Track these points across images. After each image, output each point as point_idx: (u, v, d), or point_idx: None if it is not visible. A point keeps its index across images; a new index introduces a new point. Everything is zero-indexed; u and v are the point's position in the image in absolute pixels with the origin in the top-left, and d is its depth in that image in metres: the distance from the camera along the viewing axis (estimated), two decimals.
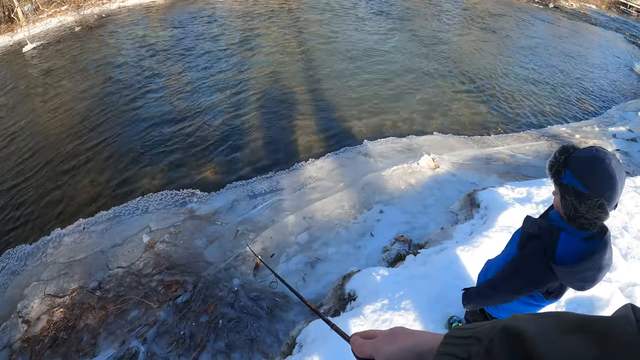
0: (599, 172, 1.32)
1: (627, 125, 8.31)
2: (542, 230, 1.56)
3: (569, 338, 0.42)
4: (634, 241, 3.84)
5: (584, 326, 0.43)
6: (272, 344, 3.62)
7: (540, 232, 1.56)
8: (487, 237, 3.77)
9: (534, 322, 0.47)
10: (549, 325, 0.46)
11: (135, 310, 3.94)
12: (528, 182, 5.15)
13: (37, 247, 4.91)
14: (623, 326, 0.40)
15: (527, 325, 0.47)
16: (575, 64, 12.18)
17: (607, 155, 1.33)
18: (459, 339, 0.54)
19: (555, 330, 0.44)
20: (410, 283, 3.33)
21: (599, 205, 1.34)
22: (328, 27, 12.47)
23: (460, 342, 0.53)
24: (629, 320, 0.41)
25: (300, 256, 4.57)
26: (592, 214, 1.37)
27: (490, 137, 7.48)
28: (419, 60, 10.69)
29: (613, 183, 1.31)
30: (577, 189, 1.37)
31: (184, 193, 5.64)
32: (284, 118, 7.59)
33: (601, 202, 1.33)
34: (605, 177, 1.31)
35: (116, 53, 10.44)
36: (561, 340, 0.43)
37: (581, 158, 1.37)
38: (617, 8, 21.76)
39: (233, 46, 10.74)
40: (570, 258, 1.48)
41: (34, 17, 12.74)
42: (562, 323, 0.45)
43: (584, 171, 1.35)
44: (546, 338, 0.44)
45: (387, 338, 0.63)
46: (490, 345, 0.48)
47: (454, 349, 0.53)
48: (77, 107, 7.99)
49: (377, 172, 5.91)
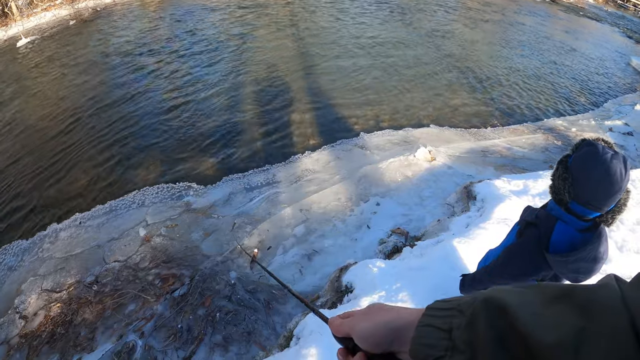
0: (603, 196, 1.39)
1: (624, 119, 8.34)
2: (539, 218, 1.58)
3: (552, 308, 0.42)
4: (630, 234, 3.86)
5: (567, 296, 0.43)
6: (269, 336, 3.63)
7: (537, 220, 1.59)
8: (484, 229, 3.78)
9: (516, 294, 0.47)
10: (532, 296, 0.45)
11: (132, 304, 3.94)
12: (524, 175, 5.16)
13: (33, 243, 4.89)
14: (606, 295, 0.40)
15: (510, 296, 0.46)
16: (572, 58, 12.18)
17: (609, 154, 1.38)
18: (441, 310, 0.53)
19: (538, 301, 0.44)
20: (407, 275, 3.34)
21: (564, 178, 1.45)
22: (325, 21, 12.41)
23: (442, 314, 0.53)
24: (613, 289, 0.40)
25: (296, 248, 4.57)
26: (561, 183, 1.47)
27: (486, 129, 7.49)
28: (416, 53, 10.66)
29: (590, 172, 1.39)
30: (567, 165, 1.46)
31: (180, 186, 5.63)
32: (280, 111, 7.56)
33: (565, 176, 1.44)
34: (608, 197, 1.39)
35: (111, 47, 10.35)
36: (544, 310, 0.42)
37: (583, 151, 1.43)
38: (615, 2, 21.73)
39: (229, 39, 10.68)
40: (563, 247, 1.50)
41: (28, 11, 12.58)
42: (544, 294, 0.45)
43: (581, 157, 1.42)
44: (529, 309, 0.43)
45: (362, 315, 0.62)
46: (472, 317, 0.48)
47: (436, 321, 0.52)
48: (72, 101, 7.93)
49: (373, 164, 5.91)
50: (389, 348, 0.58)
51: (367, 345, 0.59)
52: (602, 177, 1.35)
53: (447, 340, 0.49)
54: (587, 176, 1.38)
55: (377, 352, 0.59)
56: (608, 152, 1.37)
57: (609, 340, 0.36)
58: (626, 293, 0.39)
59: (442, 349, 0.49)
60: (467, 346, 0.47)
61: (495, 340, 0.44)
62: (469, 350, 0.47)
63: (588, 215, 1.44)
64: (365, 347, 0.60)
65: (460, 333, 0.48)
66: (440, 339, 0.50)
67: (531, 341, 0.40)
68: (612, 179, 1.34)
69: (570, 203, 1.45)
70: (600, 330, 0.37)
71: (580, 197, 1.41)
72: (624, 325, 0.36)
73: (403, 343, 0.57)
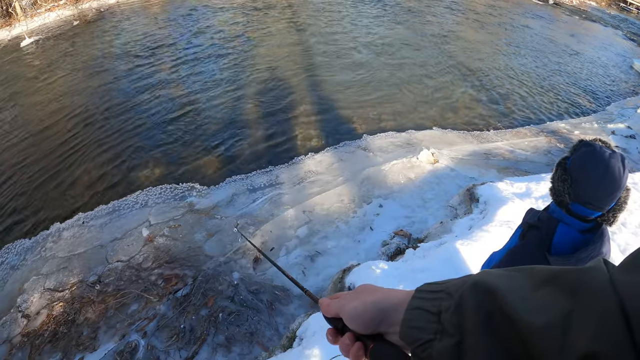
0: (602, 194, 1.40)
1: (626, 122, 8.34)
2: (541, 221, 1.59)
3: (540, 291, 0.42)
4: (632, 237, 3.86)
5: (555, 278, 0.42)
6: (272, 337, 3.63)
7: (539, 222, 1.59)
8: (487, 231, 3.78)
9: (505, 277, 0.46)
10: (521, 280, 0.45)
11: (135, 304, 3.95)
12: (527, 178, 5.16)
13: (36, 242, 4.89)
14: (595, 277, 0.40)
15: (498, 279, 0.46)
16: (574, 61, 12.18)
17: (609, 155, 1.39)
18: (430, 292, 0.53)
19: (528, 284, 0.44)
20: (410, 276, 3.34)
21: (563, 180, 1.45)
22: (327, 23, 12.43)
23: (431, 297, 0.52)
24: (601, 271, 0.40)
25: (300, 250, 4.58)
26: (560, 185, 1.48)
27: (489, 132, 7.49)
28: (419, 55, 10.67)
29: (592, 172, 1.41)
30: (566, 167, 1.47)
31: (183, 187, 5.63)
32: (283, 112, 7.58)
33: (564, 178, 1.45)
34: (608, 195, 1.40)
35: (114, 48, 10.38)
36: (533, 293, 0.42)
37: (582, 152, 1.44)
38: (617, 5, 21.72)
39: (232, 41, 10.70)
40: (565, 249, 1.50)
41: (32, 11, 12.63)
42: (533, 276, 0.45)
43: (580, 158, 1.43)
44: (517, 292, 0.43)
45: (352, 295, 0.62)
46: (460, 300, 0.48)
47: (425, 303, 0.52)
48: (75, 101, 7.95)
49: (376, 166, 5.91)
50: (378, 329, 0.58)
51: (355, 325, 0.59)
52: (601, 176, 1.36)
53: (436, 323, 0.49)
54: (587, 176, 1.39)
55: (366, 332, 0.59)
56: (606, 151, 1.39)
57: (597, 323, 0.36)
58: (615, 276, 0.39)
59: (432, 332, 0.49)
60: (455, 329, 0.47)
61: (483, 324, 0.44)
62: (458, 333, 0.46)
63: (590, 215, 1.45)
64: (354, 327, 0.60)
65: (449, 316, 0.48)
66: (429, 321, 0.50)
67: (519, 324, 0.40)
68: (611, 177, 1.35)
69: (571, 204, 1.46)
70: (588, 313, 0.37)
71: (581, 198, 1.42)
72: (612, 308, 0.35)
73: (391, 324, 0.57)
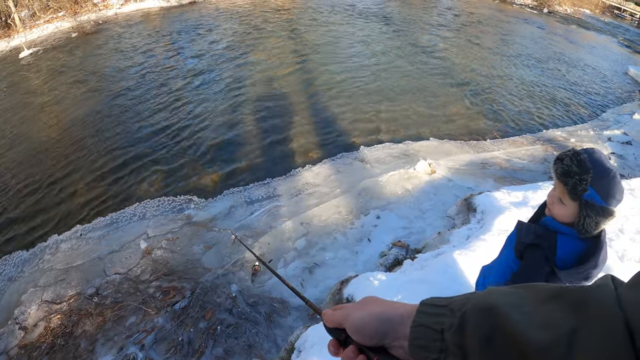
0: (619, 190, 1.44)
1: (622, 129, 8.40)
2: (539, 237, 1.56)
3: (543, 308, 0.41)
4: (630, 243, 3.86)
5: (560, 295, 0.42)
6: (270, 349, 3.62)
7: (537, 239, 1.56)
8: (484, 241, 3.80)
9: (508, 294, 0.46)
10: (524, 297, 0.45)
11: (133, 316, 3.93)
12: (524, 187, 5.18)
13: (34, 254, 4.88)
14: (601, 295, 0.39)
15: (501, 298, 0.46)
16: (570, 69, 12.29)
17: (616, 171, 1.44)
18: (434, 307, 0.53)
19: (531, 301, 0.43)
20: (408, 287, 3.34)
21: (614, 215, 1.46)
22: (325, 36, 12.55)
23: (434, 311, 0.52)
24: (608, 289, 0.40)
25: (298, 262, 4.57)
26: (605, 224, 1.48)
27: (486, 142, 7.53)
28: (415, 66, 10.76)
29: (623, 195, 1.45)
30: (603, 207, 1.43)
31: (181, 199, 5.64)
32: (280, 125, 7.61)
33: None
34: (621, 193, 1.45)
35: (112, 60, 10.45)
36: (536, 310, 0.42)
37: (604, 179, 1.42)
38: (611, 12, 22.00)
39: (230, 53, 10.78)
40: (570, 259, 1.50)
41: (31, 22, 12.71)
42: (537, 293, 0.44)
43: (609, 189, 1.42)
44: (520, 309, 0.42)
45: (357, 305, 0.62)
46: (462, 320, 0.47)
47: (428, 320, 0.52)
48: (73, 113, 7.98)
49: (373, 177, 5.93)
50: (382, 341, 0.57)
51: (360, 337, 0.58)
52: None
53: (440, 341, 0.49)
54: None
55: (370, 344, 0.58)
56: (595, 152, 1.45)
57: (602, 340, 0.36)
58: (621, 293, 0.38)
59: (436, 350, 0.49)
60: (458, 349, 0.47)
61: (485, 343, 0.44)
62: (461, 353, 0.46)
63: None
64: (358, 338, 0.59)
65: (451, 335, 0.48)
66: (433, 340, 0.50)
67: (522, 341, 0.40)
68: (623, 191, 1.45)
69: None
70: (594, 330, 0.37)
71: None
72: (618, 325, 0.35)
73: (396, 337, 0.56)
